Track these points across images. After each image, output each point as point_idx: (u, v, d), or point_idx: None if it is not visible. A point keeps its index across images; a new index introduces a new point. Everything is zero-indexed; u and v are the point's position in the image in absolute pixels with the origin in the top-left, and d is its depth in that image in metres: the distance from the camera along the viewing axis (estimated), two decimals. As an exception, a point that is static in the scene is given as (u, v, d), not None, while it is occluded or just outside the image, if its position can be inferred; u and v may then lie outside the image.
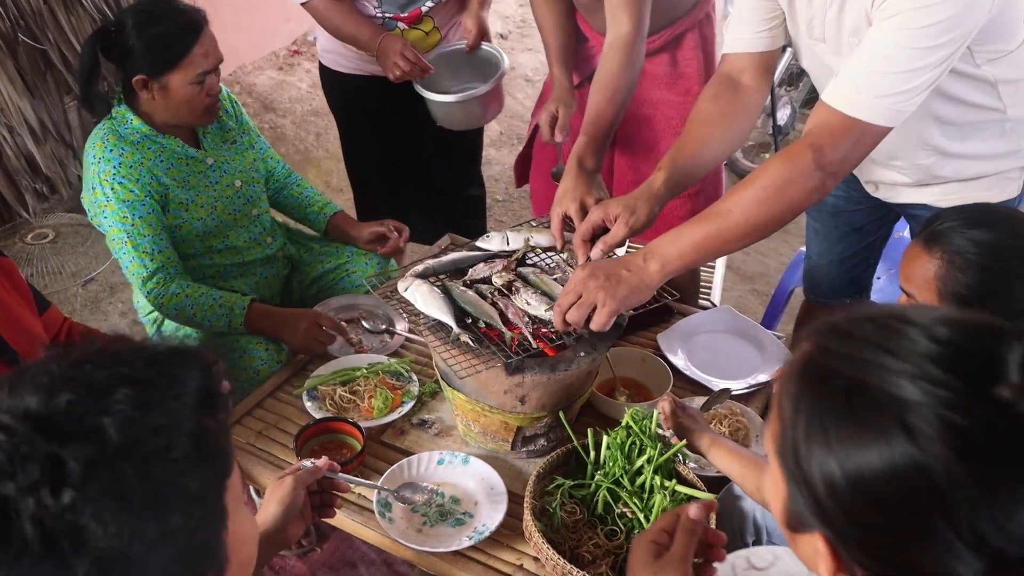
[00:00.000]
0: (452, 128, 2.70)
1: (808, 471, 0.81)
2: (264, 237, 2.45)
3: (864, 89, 1.52)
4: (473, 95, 2.56)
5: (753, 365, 2.13)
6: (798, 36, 1.83)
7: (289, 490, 1.41)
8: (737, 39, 1.91)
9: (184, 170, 2.23)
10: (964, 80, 1.70)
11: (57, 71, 3.79)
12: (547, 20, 2.47)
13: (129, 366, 0.85)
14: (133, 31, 2.05)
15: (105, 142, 2.13)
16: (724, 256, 1.89)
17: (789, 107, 4.95)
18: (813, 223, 2.38)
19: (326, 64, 2.87)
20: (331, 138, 4.85)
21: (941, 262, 1.52)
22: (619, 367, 2.07)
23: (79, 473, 0.77)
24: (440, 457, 1.83)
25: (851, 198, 2.19)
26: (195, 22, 2.10)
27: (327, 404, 1.98)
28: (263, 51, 5.61)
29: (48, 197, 4.04)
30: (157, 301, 2.16)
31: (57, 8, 3.68)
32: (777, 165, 1.60)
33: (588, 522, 1.63)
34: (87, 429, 0.79)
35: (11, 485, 0.76)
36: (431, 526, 1.70)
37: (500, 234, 1.98)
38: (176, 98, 2.12)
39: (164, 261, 2.16)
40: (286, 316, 2.21)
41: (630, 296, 1.64)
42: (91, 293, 3.64)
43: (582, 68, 2.55)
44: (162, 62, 2.07)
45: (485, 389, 1.73)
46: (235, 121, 2.40)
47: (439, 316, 1.74)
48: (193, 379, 0.88)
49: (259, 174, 2.44)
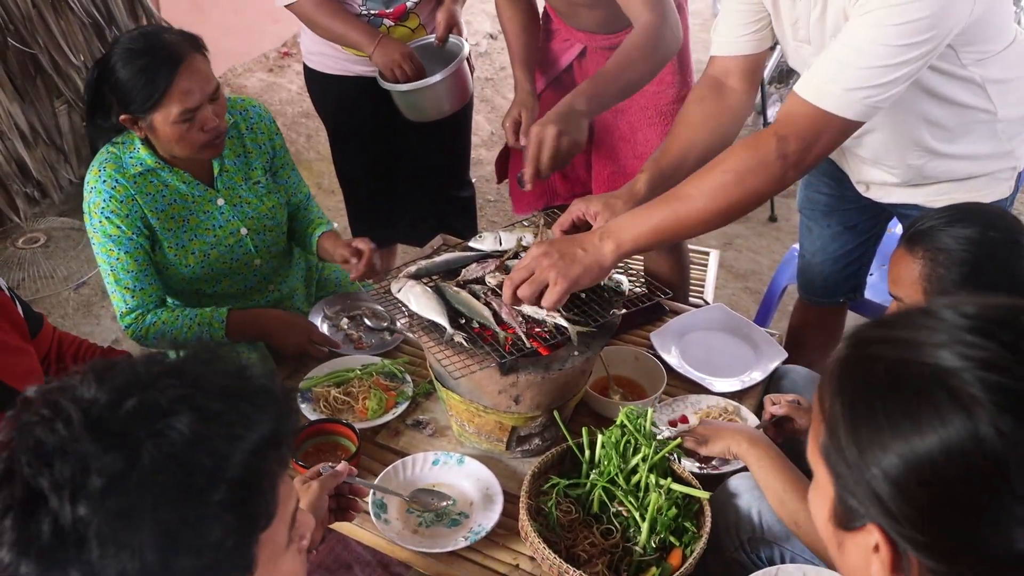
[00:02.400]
0: (420, 119, 2.65)
1: (859, 460, 0.81)
2: (265, 285, 2.35)
3: (833, 80, 1.51)
4: (428, 83, 2.51)
5: (747, 362, 2.13)
6: (784, 38, 1.84)
7: (316, 496, 1.42)
8: (724, 42, 1.92)
9: (184, 208, 2.12)
10: (952, 81, 1.70)
11: (47, 75, 3.78)
12: (511, 23, 2.50)
13: (206, 392, 0.84)
14: (118, 64, 1.93)
15: (102, 171, 2.03)
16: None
17: (779, 104, 4.97)
18: (807, 221, 2.38)
19: (312, 66, 2.82)
20: (322, 140, 4.84)
21: (925, 261, 1.53)
22: (613, 366, 2.07)
23: (99, 488, 0.77)
24: (435, 458, 1.83)
25: (844, 197, 2.19)
26: (175, 56, 1.92)
27: (321, 406, 1.98)
28: (252, 53, 5.61)
29: (39, 201, 4.03)
30: (136, 335, 2.10)
31: (47, 12, 3.68)
32: (740, 152, 1.59)
33: (584, 521, 1.63)
34: (129, 443, 0.79)
35: (47, 476, 0.78)
36: (427, 527, 1.71)
37: (493, 234, 1.98)
38: (164, 136, 1.98)
39: (144, 298, 2.09)
40: (273, 323, 2.16)
41: (583, 276, 1.63)
42: (83, 297, 3.63)
43: (547, 72, 2.57)
44: (142, 100, 1.93)
45: (479, 389, 1.74)
46: (266, 159, 2.26)
47: (433, 317, 1.74)
48: (263, 424, 0.86)
49: (274, 222, 2.27)
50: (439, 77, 2.50)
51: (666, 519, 1.56)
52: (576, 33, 2.48)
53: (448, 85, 2.56)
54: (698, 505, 1.61)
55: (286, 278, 2.42)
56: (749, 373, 2.09)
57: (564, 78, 2.58)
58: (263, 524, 0.88)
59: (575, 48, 2.52)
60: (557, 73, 2.57)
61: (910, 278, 1.55)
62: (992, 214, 1.58)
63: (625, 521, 1.60)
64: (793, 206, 4.30)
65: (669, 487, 1.58)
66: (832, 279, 2.39)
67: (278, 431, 0.88)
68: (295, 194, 2.37)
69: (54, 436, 0.79)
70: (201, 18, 4.97)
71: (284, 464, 0.91)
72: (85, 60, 3.91)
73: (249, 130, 2.23)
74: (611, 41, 2.40)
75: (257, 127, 2.25)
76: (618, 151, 2.57)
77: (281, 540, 0.93)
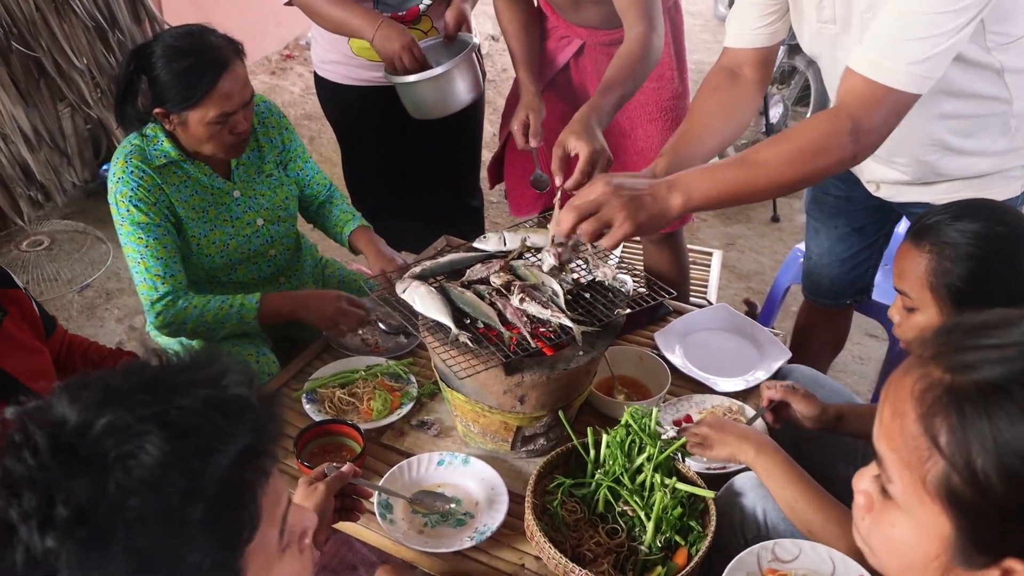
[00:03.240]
0: (424, 116, 2.56)
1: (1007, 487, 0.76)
2: (277, 276, 2.39)
3: (896, 56, 1.51)
4: (432, 74, 2.42)
5: (751, 362, 2.13)
6: (804, 24, 1.84)
7: (322, 498, 1.43)
8: (738, 34, 1.94)
9: (206, 200, 2.18)
10: (971, 69, 1.70)
11: (50, 78, 3.79)
12: (512, 25, 2.49)
13: (180, 407, 0.81)
14: (160, 61, 1.99)
15: (128, 162, 2.07)
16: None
17: (781, 105, 4.98)
18: (813, 223, 2.38)
19: (323, 75, 2.78)
20: (324, 142, 4.85)
21: (931, 256, 1.53)
22: (617, 366, 2.08)
23: (65, 519, 0.75)
24: (440, 458, 1.83)
25: (852, 198, 2.19)
26: (221, 60, 1.99)
27: (326, 406, 1.98)
28: (255, 56, 5.62)
29: (43, 204, 4.04)
30: (165, 321, 2.11)
31: (50, 15, 3.68)
32: (815, 129, 1.59)
33: (589, 521, 1.63)
34: (98, 467, 0.76)
35: (15, 508, 0.76)
36: (432, 527, 1.71)
37: (497, 235, 1.98)
38: (195, 134, 2.05)
39: (175, 284, 2.11)
40: (307, 296, 2.19)
41: (648, 223, 1.60)
42: (87, 299, 3.64)
43: (544, 72, 2.56)
44: (181, 99, 1.99)
45: (484, 389, 1.74)
46: (277, 152, 2.31)
47: (437, 317, 1.74)
48: (242, 435, 0.83)
49: (288, 212, 2.34)
50: (444, 68, 2.43)
51: (671, 518, 1.56)
52: (576, 29, 2.49)
53: (454, 78, 2.47)
54: (703, 504, 1.61)
55: (297, 271, 2.46)
56: (753, 373, 2.09)
57: (560, 78, 2.58)
58: (247, 538, 0.85)
59: (573, 45, 2.52)
60: (553, 73, 2.57)
61: (915, 272, 1.55)
62: (998, 209, 1.58)
63: (630, 520, 1.60)
64: (796, 206, 4.33)
65: (674, 486, 1.58)
66: (839, 281, 2.39)
67: (257, 441, 0.85)
68: (309, 185, 2.41)
69: (21, 465, 0.77)
70: (203, 20, 4.95)
71: (265, 473, 0.88)
72: (88, 63, 3.92)
73: (261, 125, 2.28)
74: (611, 36, 2.41)
75: (268, 122, 2.30)
76: (619, 147, 2.58)
77: (272, 546, 0.90)
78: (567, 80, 2.58)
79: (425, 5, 2.63)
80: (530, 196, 2.72)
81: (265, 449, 0.87)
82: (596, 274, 1.86)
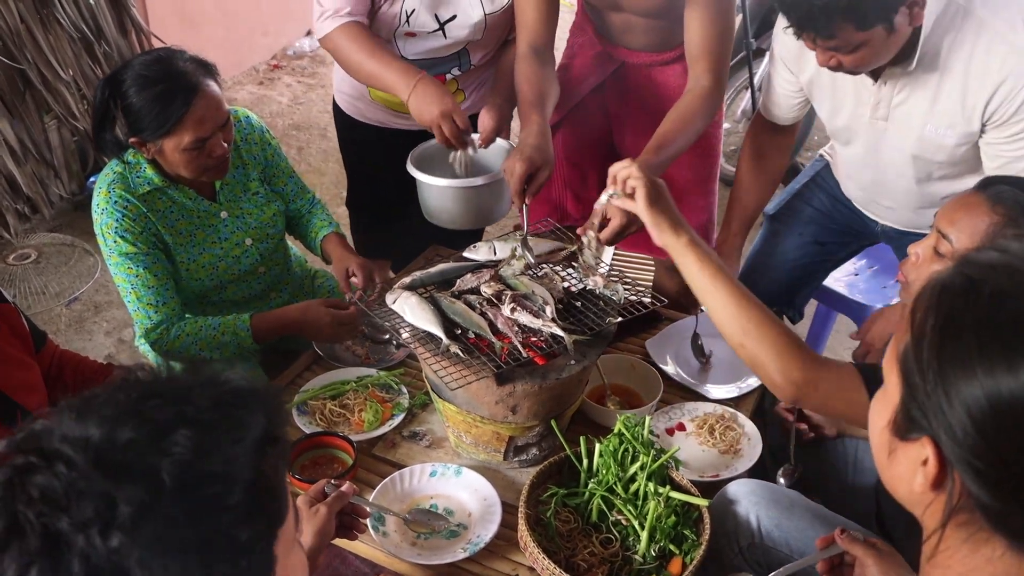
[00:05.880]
0: (443, 225, 2.28)
1: (937, 378, 0.80)
2: (267, 293, 2.38)
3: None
4: (473, 183, 2.17)
5: (743, 369, 2.13)
6: (854, 120, 2.05)
7: (325, 520, 1.44)
8: (769, 112, 2.28)
9: (192, 223, 2.14)
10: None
11: (36, 90, 3.77)
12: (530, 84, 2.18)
13: (194, 405, 0.84)
14: (131, 90, 1.94)
15: (111, 192, 2.03)
16: None
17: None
18: (775, 226, 2.42)
19: (342, 107, 2.63)
20: (312, 152, 4.84)
21: (1001, 218, 1.52)
22: (609, 374, 2.07)
23: (130, 516, 0.76)
24: (432, 469, 1.82)
25: (831, 215, 2.23)
26: (191, 85, 1.93)
27: (317, 418, 1.97)
28: (243, 66, 5.61)
29: (30, 217, 4.01)
30: (160, 350, 2.10)
31: (35, 27, 3.66)
32: None
33: (583, 530, 1.62)
34: (143, 470, 0.78)
35: (65, 520, 0.76)
36: (425, 539, 1.70)
37: (487, 244, 1.98)
38: (173, 161, 2.00)
39: (168, 312, 2.09)
40: (294, 314, 2.14)
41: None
42: (75, 313, 3.61)
43: (569, 96, 2.47)
44: (154, 127, 1.94)
45: (476, 400, 1.73)
46: (260, 169, 2.27)
47: (428, 327, 1.74)
48: (257, 423, 0.86)
49: (276, 229, 2.30)
50: (483, 180, 2.16)
51: (665, 527, 1.56)
52: (619, 50, 2.43)
53: (490, 193, 2.21)
54: (697, 512, 1.61)
55: (287, 285, 2.44)
56: (745, 379, 2.09)
57: (588, 100, 2.50)
58: (279, 520, 0.89)
59: (612, 64, 2.46)
60: (582, 95, 2.49)
61: (976, 226, 1.54)
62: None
63: (624, 530, 1.59)
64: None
65: (668, 495, 1.58)
66: (776, 283, 2.40)
67: (271, 427, 0.88)
68: (294, 200, 2.38)
69: (59, 480, 0.77)
70: (191, 31, 4.97)
71: (286, 459, 0.92)
72: (74, 75, 3.90)
73: (244, 141, 2.24)
74: (654, 59, 2.39)
75: (250, 138, 2.26)
76: None
77: (291, 532, 0.93)
78: (598, 101, 2.52)
79: (452, 76, 2.44)
80: (541, 214, 2.52)
81: (281, 434, 0.90)
82: (587, 283, 1.86)
